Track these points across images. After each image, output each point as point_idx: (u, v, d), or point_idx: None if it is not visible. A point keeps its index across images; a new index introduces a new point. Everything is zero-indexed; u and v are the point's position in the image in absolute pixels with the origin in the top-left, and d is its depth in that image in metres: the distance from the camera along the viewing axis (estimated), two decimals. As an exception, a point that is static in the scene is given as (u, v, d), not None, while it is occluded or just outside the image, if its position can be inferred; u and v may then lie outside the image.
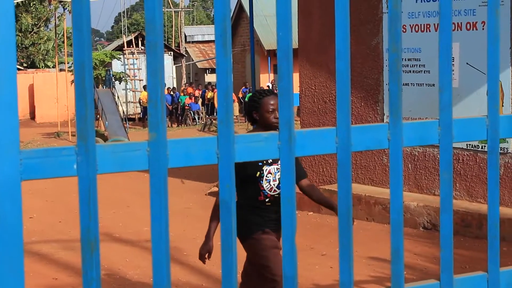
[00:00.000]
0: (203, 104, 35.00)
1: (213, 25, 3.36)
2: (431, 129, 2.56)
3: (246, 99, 33.78)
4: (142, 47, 37.45)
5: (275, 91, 5.09)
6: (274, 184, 5.13)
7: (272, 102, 5.03)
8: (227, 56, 2.19)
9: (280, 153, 2.31)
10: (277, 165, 5.09)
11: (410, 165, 10.24)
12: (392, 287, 2.57)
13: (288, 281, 2.38)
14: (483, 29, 9.33)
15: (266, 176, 5.12)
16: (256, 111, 5.08)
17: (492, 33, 2.63)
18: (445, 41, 2.54)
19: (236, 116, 33.08)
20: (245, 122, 30.57)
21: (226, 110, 2.21)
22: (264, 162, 5.12)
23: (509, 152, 9.19)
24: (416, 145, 2.60)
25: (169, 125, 33.12)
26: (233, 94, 33.24)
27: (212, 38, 48.60)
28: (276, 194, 5.12)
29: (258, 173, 5.12)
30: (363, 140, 2.44)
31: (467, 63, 9.47)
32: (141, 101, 34.56)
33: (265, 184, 5.13)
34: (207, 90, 35.59)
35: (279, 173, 5.09)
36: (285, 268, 2.38)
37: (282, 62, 2.29)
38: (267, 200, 5.17)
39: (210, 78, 46.17)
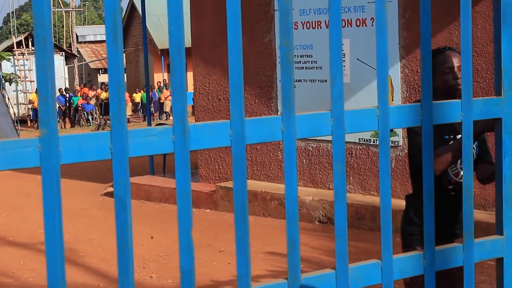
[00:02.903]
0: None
1: (104, 25, 3.19)
2: (323, 121, 2.60)
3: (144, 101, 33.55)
4: (33, 48, 36.69)
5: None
6: (461, 167, 4.03)
7: (448, 60, 4.05)
8: (118, 50, 2.17)
9: (174, 147, 2.30)
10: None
11: (304, 160, 10.37)
12: (288, 278, 2.60)
13: (185, 275, 2.38)
14: (372, 25, 9.52)
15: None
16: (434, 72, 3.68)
17: (380, 26, 2.69)
18: (335, 34, 2.58)
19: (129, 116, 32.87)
20: (143, 121, 30.40)
21: (118, 105, 2.19)
22: (452, 137, 4.14)
23: (400, 145, 9.41)
24: (310, 137, 2.62)
25: (63, 126, 32.64)
26: (127, 94, 32.95)
27: (104, 38, 47.87)
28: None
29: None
30: (257, 132, 2.46)
31: (357, 59, 9.64)
32: (32, 102, 33.93)
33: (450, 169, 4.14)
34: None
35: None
36: (182, 262, 2.37)
37: (174, 56, 2.29)
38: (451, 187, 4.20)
39: (103, 78, 45.65)
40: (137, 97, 35.82)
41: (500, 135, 3.09)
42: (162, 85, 35.81)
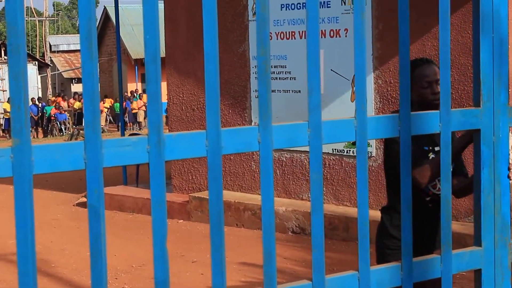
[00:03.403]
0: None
1: (78, 34, 3.16)
2: (300, 131, 2.58)
3: (117, 111, 33.42)
4: (5, 57, 36.48)
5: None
6: (438, 180, 3.96)
7: (427, 73, 4.02)
8: (92, 59, 2.14)
9: (149, 157, 2.28)
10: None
11: (278, 171, 10.36)
12: (265, 289, 2.58)
13: (159, 285, 2.35)
14: (346, 36, 9.55)
15: None
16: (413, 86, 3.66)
17: (358, 36, 2.68)
18: (313, 44, 2.57)
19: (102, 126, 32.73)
20: (117, 131, 30.26)
21: (92, 114, 2.16)
22: (430, 148, 4.16)
23: (373, 156, 9.43)
24: (286, 147, 2.61)
25: (35, 136, 32.45)
26: (101, 103, 32.80)
27: (78, 47, 47.87)
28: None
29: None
30: (233, 142, 2.44)
31: (331, 70, 9.66)
32: (4, 111, 33.71)
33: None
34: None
35: None
36: (157, 272, 2.35)
37: (149, 65, 2.27)
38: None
39: (77, 88, 45.44)
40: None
41: (478, 146, 3.09)
42: (136, 94, 35.69)
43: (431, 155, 4.19)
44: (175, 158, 2.36)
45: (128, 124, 33.12)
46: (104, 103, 35.53)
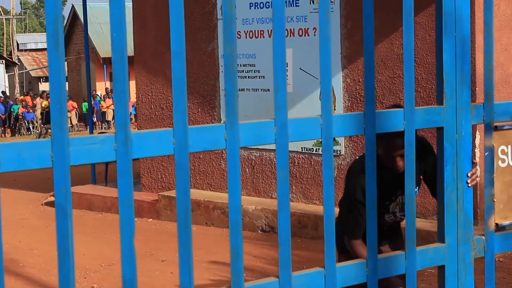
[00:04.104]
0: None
1: (46, 32, 3.12)
2: (267, 129, 2.60)
3: (84, 110, 33.27)
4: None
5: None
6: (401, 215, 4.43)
7: (397, 148, 4.12)
8: (59, 57, 2.14)
9: (116, 155, 2.28)
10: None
11: (247, 169, 10.37)
12: (232, 287, 2.59)
13: (127, 284, 2.36)
14: (314, 35, 9.58)
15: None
16: (381, 144, 4.03)
17: (323, 35, 2.70)
18: (279, 42, 2.59)
19: (73, 125, 32.56)
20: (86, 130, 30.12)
21: (60, 112, 2.16)
22: (393, 199, 4.44)
23: (342, 154, 9.47)
24: (253, 145, 2.62)
25: (3, 135, 32.19)
26: (73, 102, 32.59)
27: (46, 46, 47.39)
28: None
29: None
30: (201, 140, 2.45)
31: (300, 68, 9.69)
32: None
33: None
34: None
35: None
36: (125, 271, 2.35)
37: (117, 63, 2.27)
38: None
39: (45, 86, 45.14)
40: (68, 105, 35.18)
41: (442, 143, 3.13)
42: (105, 93, 35.53)
43: (389, 216, 4.37)
44: (143, 156, 2.37)
45: (97, 123, 32.96)
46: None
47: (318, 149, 9.66)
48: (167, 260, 8.36)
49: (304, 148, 9.79)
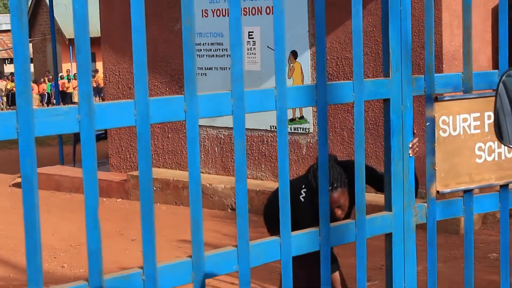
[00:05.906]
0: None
1: (10, 14, 3.11)
2: (225, 100, 2.66)
3: (48, 91, 33.05)
4: None
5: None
6: None
7: (342, 201, 4.27)
8: (23, 29, 2.17)
9: (80, 126, 2.32)
10: None
11: (216, 148, 10.41)
12: (193, 257, 2.65)
13: (92, 255, 2.40)
14: (281, 13, 9.60)
15: None
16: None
17: (277, 8, 2.77)
18: (234, 14, 2.65)
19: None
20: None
21: (24, 84, 2.20)
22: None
23: (311, 132, 9.54)
24: (211, 116, 2.67)
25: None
26: (34, 84, 32.19)
27: (10, 27, 46.88)
28: None
29: None
30: (161, 112, 2.50)
31: (268, 46, 9.72)
32: None
33: None
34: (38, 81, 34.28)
35: None
36: (89, 242, 2.40)
37: (79, 35, 2.30)
38: None
39: (9, 68, 44.65)
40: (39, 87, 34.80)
41: (388, 115, 3.22)
42: (71, 75, 35.22)
43: None
44: (105, 127, 2.41)
45: (61, 104, 32.70)
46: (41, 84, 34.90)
47: (288, 127, 9.71)
48: (137, 239, 8.39)
49: (273, 126, 9.84)
